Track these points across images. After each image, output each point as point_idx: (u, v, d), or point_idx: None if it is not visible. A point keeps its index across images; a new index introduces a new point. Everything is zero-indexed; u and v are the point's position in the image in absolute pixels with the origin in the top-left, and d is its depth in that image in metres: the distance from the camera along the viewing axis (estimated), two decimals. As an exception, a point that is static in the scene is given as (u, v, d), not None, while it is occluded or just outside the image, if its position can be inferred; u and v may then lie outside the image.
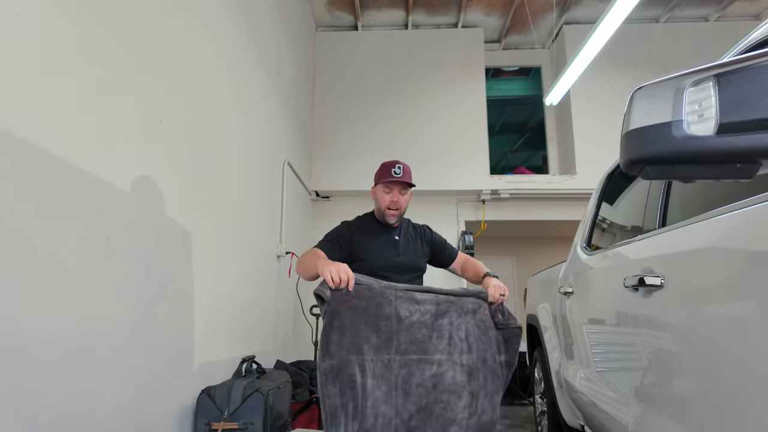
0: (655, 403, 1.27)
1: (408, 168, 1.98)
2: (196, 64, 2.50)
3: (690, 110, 0.68)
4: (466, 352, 1.60)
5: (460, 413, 1.54)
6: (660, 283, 1.21)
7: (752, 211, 0.92)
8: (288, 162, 4.27)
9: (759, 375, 0.84)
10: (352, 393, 1.44)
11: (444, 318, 1.60)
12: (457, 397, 1.54)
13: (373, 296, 1.53)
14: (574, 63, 4.06)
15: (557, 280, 2.54)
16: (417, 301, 1.59)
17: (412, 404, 1.50)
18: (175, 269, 2.25)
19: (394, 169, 1.93)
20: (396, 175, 1.92)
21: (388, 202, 1.94)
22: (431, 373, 1.53)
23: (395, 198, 1.94)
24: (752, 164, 0.64)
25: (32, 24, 1.41)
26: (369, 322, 1.50)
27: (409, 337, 1.53)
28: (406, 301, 1.57)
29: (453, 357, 1.57)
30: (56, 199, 1.49)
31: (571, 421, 2.43)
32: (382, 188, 1.96)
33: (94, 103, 1.68)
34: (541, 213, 5.63)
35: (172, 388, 2.19)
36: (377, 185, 1.99)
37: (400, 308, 1.55)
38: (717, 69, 0.66)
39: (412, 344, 1.53)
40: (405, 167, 1.96)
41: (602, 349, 1.77)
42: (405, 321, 1.54)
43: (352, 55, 5.83)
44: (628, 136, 0.74)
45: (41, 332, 1.43)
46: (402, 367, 1.50)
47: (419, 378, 1.51)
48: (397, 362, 1.51)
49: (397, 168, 1.93)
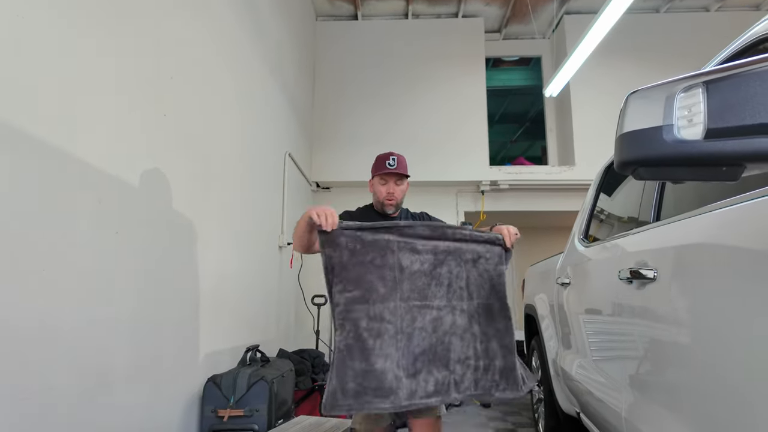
0: (647, 391, 1.32)
1: (402, 159, 2.02)
2: (198, 57, 2.52)
3: (680, 115, 0.71)
4: (467, 299, 1.68)
5: (463, 353, 1.63)
6: (653, 276, 1.25)
7: (741, 208, 0.96)
8: (289, 153, 4.29)
9: (744, 365, 0.89)
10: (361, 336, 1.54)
11: (443, 267, 1.68)
12: (459, 338, 1.64)
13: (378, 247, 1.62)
14: (574, 54, 4.06)
15: (555, 271, 2.59)
16: (417, 251, 1.66)
17: (416, 346, 1.59)
18: (180, 261, 2.29)
19: (388, 161, 1.98)
20: (390, 167, 1.96)
21: (385, 194, 1.99)
22: (431, 317, 1.63)
23: (391, 189, 1.98)
24: (737, 167, 0.68)
25: (39, 21, 1.43)
26: (375, 272, 1.60)
27: (410, 285, 1.62)
28: (408, 251, 1.65)
29: (452, 303, 1.67)
30: (67, 192, 1.53)
31: (567, 408, 2.50)
32: (378, 180, 2.01)
33: (98, 98, 1.71)
34: (540, 204, 5.67)
35: (180, 376, 2.25)
36: (374, 177, 2.03)
37: (402, 258, 1.63)
38: (706, 76, 0.70)
39: (413, 291, 1.62)
40: (399, 158, 2.00)
41: (597, 338, 1.82)
42: (406, 270, 1.63)
43: (352, 44, 5.82)
44: (622, 139, 0.78)
45: (51, 323, 1.47)
46: (406, 312, 1.60)
47: (421, 322, 1.61)
48: (401, 308, 1.60)
49: (391, 160, 1.98)
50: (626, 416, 1.45)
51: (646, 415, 1.32)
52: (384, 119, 5.62)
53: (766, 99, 0.63)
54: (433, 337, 1.62)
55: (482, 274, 1.72)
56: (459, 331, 1.65)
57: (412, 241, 1.66)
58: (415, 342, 1.60)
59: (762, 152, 0.63)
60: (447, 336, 1.63)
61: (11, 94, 1.33)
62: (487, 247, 1.76)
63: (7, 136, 1.31)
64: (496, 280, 1.75)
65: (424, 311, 1.63)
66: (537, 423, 3.22)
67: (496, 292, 1.74)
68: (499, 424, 3.84)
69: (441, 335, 1.63)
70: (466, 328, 1.66)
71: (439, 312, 1.65)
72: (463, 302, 1.68)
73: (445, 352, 1.62)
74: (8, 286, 1.31)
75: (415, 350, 1.59)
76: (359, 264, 1.59)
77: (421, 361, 1.60)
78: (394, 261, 1.62)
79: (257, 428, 2.23)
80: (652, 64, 5.42)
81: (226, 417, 2.23)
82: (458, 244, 1.71)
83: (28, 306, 1.37)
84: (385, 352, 1.56)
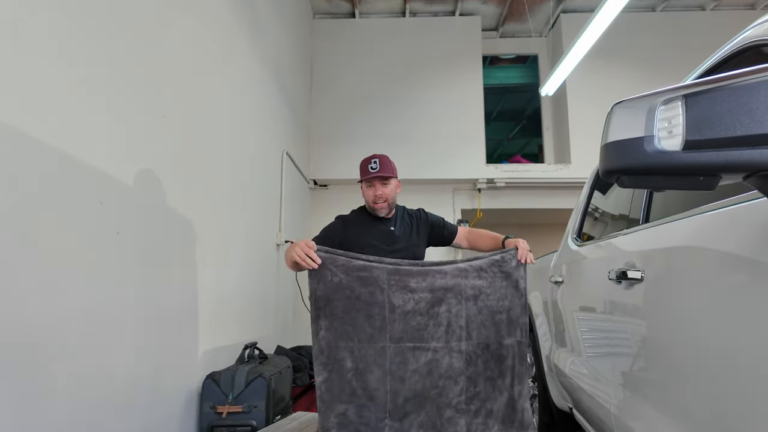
0: (635, 388, 1.36)
1: (385, 159, 2.01)
2: (196, 56, 2.54)
3: (661, 126, 0.75)
4: (465, 339, 1.59)
5: (455, 398, 1.56)
6: (640, 276, 1.29)
7: (723, 213, 0.99)
8: (286, 152, 4.31)
9: (725, 363, 0.92)
10: (345, 377, 1.49)
11: (441, 305, 1.59)
12: (453, 382, 1.56)
13: (366, 284, 1.54)
14: (570, 52, 4.09)
15: (548, 269, 2.63)
16: (411, 290, 1.57)
17: (407, 390, 1.53)
18: (179, 260, 2.32)
19: (370, 165, 1.98)
20: (372, 171, 1.96)
21: (373, 197, 2.00)
22: (426, 360, 1.55)
23: (378, 192, 1.98)
24: (714, 177, 0.71)
25: (39, 23, 1.45)
26: (362, 310, 1.52)
27: (403, 326, 1.54)
28: (399, 289, 1.56)
29: (450, 344, 1.57)
30: (68, 194, 1.56)
31: (560, 404, 2.54)
32: (364, 185, 2.02)
33: (98, 99, 1.73)
34: (537, 201, 5.71)
35: (179, 373, 2.28)
36: (362, 183, 2.04)
37: (393, 297, 1.54)
38: (685, 89, 0.73)
39: (406, 332, 1.54)
40: (381, 159, 1.99)
41: (588, 336, 1.86)
42: (398, 310, 1.55)
43: (350, 42, 5.83)
44: (607, 148, 0.81)
45: (52, 322, 1.50)
46: (396, 354, 1.53)
47: (414, 365, 1.54)
48: (392, 349, 1.53)
49: (373, 163, 1.97)
50: (615, 412, 1.49)
51: (634, 411, 1.36)
52: (381, 117, 5.64)
53: (740, 114, 0.67)
54: (427, 381, 1.54)
55: (482, 310, 1.62)
56: (455, 374, 1.57)
57: (405, 279, 1.57)
58: (406, 386, 1.52)
59: (735, 164, 0.67)
60: (441, 380, 1.55)
61: (11, 96, 1.35)
62: (491, 279, 1.64)
63: (8, 138, 1.33)
64: (499, 316, 1.63)
65: (419, 353, 1.54)
66: (531, 418, 3.26)
67: (506, 326, 1.64)
68: (495, 419, 3.89)
69: (435, 379, 1.55)
70: (462, 371, 1.57)
71: (435, 354, 1.55)
72: (462, 342, 1.58)
73: (436, 396, 1.54)
74: (9, 285, 1.33)
75: (405, 394, 1.52)
76: (345, 299, 1.51)
77: (411, 404, 1.53)
78: (383, 299, 1.53)
79: (255, 424, 2.27)
80: (648, 63, 5.45)
81: (225, 413, 2.27)
82: (457, 281, 1.60)
83: (29, 305, 1.40)
84: (371, 396, 1.49)
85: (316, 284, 1.53)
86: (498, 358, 1.62)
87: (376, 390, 1.51)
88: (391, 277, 1.56)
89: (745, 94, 0.67)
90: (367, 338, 1.51)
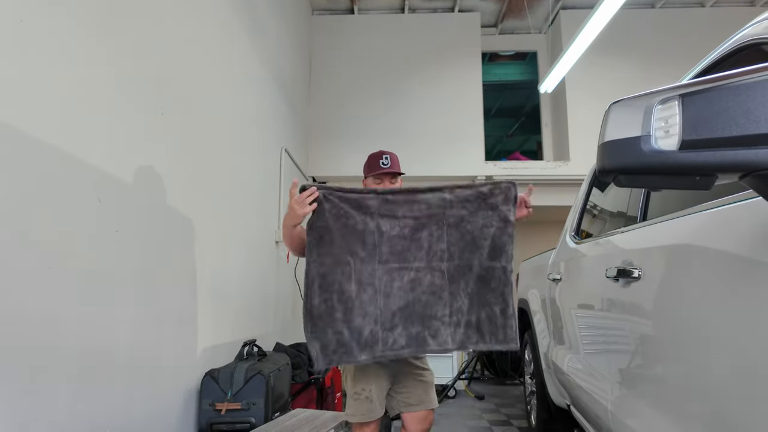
0: (631, 386, 1.37)
1: (395, 157, 2.02)
2: (194, 53, 2.53)
3: (657, 126, 0.75)
4: (447, 260, 1.74)
5: (439, 311, 1.71)
6: (638, 275, 1.29)
7: (719, 212, 1.00)
8: (285, 149, 4.31)
9: (722, 362, 0.93)
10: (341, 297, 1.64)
11: (423, 231, 1.74)
12: (437, 297, 1.72)
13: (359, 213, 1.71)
14: (569, 49, 4.08)
15: (547, 267, 2.64)
16: (396, 217, 1.73)
17: (394, 304, 1.69)
18: (179, 257, 2.32)
19: (381, 160, 1.97)
20: (384, 167, 1.96)
21: None
22: (409, 278, 1.72)
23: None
24: (710, 177, 0.71)
25: (38, 22, 1.45)
26: (356, 236, 1.69)
27: (389, 249, 1.72)
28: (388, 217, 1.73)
29: (432, 264, 1.73)
30: (67, 192, 1.56)
31: (558, 401, 2.55)
32: (372, 180, 2.00)
33: (97, 98, 1.73)
34: (536, 198, 5.58)
35: (178, 370, 2.29)
36: (367, 177, 2.03)
37: (381, 223, 1.72)
38: (682, 89, 0.73)
39: (392, 254, 1.71)
40: (392, 156, 2.00)
41: (585, 334, 1.87)
42: (385, 234, 1.72)
43: (349, 39, 5.82)
44: (604, 147, 0.81)
45: (52, 320, 1.50)
46: (384, 273, 1.70)
47: (399, 282, 1.71)
48: (380, 270, 1.70)
49: (384, 159, 1.97)
50: (611, 409, 1.50)
51: (630, 408, 1.37)
52: (380, 113, 5.63)
53: (736, 114, 0.67)
54: (411, 295, 1.71)
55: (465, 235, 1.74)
56: (437, 290, 1.72)
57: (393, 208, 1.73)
58: (392, 301, 1.69)
59: (731, 164, 0.67)
60: (425, 295, 1.71)
61: (11, 95, 1.35)
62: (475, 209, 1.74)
63: (7, 137, 1.33)
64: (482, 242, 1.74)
65: (403, 272, 1.71)
66: (529, 415, 3.28)
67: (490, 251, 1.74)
68: (493, 415, 3.91)
69: (419, 294, 1.71)
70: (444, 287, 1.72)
71: (417, 273, 1.72)
72: (443, 263, 1.73)
73: (422, 309, 1.70)
74: (9, 284, 1.33)
75: (392, 307, 1.69)
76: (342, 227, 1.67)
77: (398, 317, 1.69)
78: (374, 225, 1.70)
79: (254, 421, 2.28)
80: (648, 60, 5.44)
81: (224, 410, 2.27)
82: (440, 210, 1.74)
83: (29, 304, 1.40)
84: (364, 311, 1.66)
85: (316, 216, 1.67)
86: (481, 278, 1.74)
87: (368, 306, 1.67)
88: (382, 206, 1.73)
89: (741, 94, 0.67)
90: (360, 261, 1.68)
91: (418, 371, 1.92)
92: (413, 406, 1.89)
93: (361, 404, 1.82)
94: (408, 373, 1.90)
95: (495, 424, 3.66)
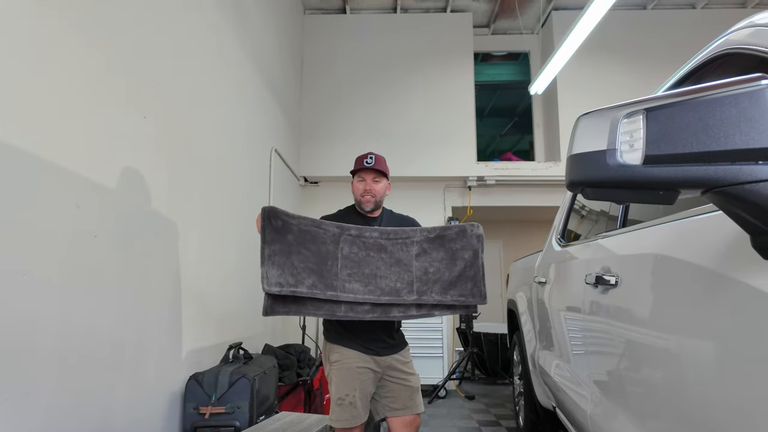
0: (608, 391, 1.38)
1: (381, 158, 2.05)
2: (181, 52, 2.51)
3: (623, 140, 0.75)
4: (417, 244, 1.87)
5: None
6: (615, 282, 1.30)
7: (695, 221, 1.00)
8: (275, 149, 4.29)
9: (692, 369, 0.93)
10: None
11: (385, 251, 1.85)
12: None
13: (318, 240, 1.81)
14: (560, 50, 4.08)
15: (533, 269, 2.64)
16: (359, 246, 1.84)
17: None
18: (162, 260, 2.31)
19: (366, 159, 2.01)
20: (367, 164, 2.00)
21: (362, 191, 2.01)
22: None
23: (368, 186, 2.00)
24: (673, 192, 0.71)
25: (11, 22, 1.43)
26: (313, 248, 1.78)
27: (350, 263, 1.81)
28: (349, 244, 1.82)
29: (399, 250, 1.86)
30: (43, 198, 1.54)
31: (544, 402, 2.56)
32: (356, 179, 2.04)
33: (74, 100, 1.71)
34: (527, 199, 5.72)
35: (162, 374, 2.28)
36: (353, 177, 2.06)
37: (344, 248, 1.82)
38: (647, 103, 0.73)
39: (353, 268, 1.81)
40: (377, 157, 2.03)
41: (567, 337, 1.87)
42: (347, 256, 1.81)
43: (341, 39, 5.80)
44: (571, 160, 0.81)
45: (33, 326, 1.49)
46: (348, 259, 1.81)
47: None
48: (342, 276, 1.79)
49: (369, 158, 2.01)
50: (590, 413, 1.51)
51: (608, 413, 1.37)
52: (372, 113, 5.62)
53: (697, 130, 0.67)
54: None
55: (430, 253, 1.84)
56: (407, 261, 1.82)
57: (360, 239, 1.82)
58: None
59: (692, 180, 0.67)
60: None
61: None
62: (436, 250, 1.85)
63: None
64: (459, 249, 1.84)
65: (369, 259, 1.81)
66: (518, 416, 3.29)
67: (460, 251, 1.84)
68: (483, 416, 3.92)
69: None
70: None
71: (383, 260, 1.82)
72: (413, 247, 1.83)
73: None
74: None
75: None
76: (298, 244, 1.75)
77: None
78: (336, 250, 1.79)
79: (239, 425, 2.27)
80: (639, 61, 5.46)
81: (208, 414, 2.27)
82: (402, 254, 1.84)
83: (10, 308, 1.39)
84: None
85: (274, 234, 1.73)
86: (451, 257, 1.83)
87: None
88: (347, 235, 1.83)
89: (702, 110, 0.67)
90: (318, 262, 1.77)
91: (404, 376, 1.92)
92: (398, 411, 1.89)
93: (344, 410, 1.82)
94: (393, 378, 1.90)
95: (484, 424, 3.67)
